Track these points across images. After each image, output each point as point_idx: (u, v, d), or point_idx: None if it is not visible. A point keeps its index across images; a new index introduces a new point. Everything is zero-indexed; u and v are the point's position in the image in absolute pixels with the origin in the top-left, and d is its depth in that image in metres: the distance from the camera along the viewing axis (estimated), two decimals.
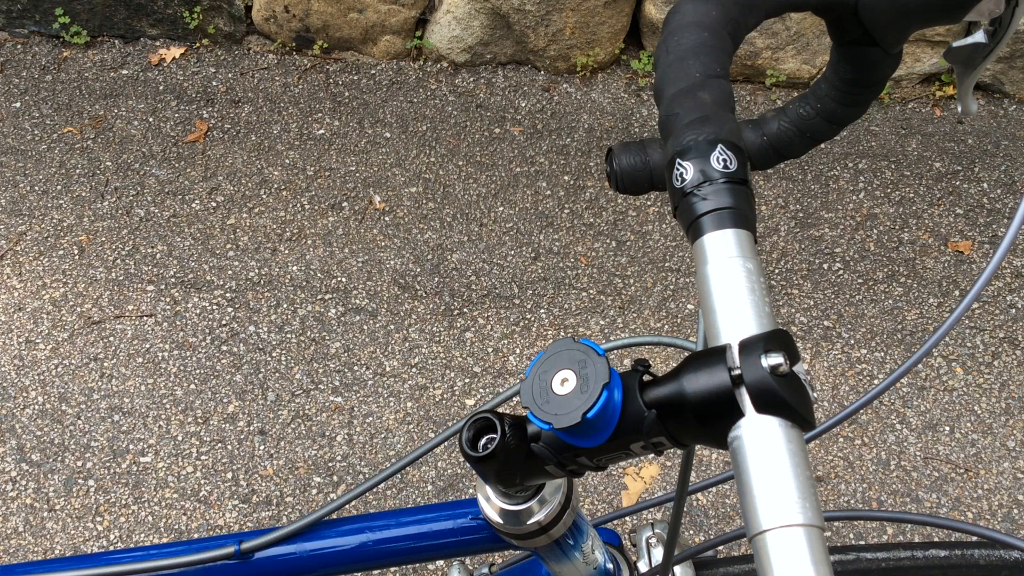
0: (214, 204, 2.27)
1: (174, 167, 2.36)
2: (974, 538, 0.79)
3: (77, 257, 2.16)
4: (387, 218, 2.23)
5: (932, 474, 1.76)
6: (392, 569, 1.65)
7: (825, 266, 2.12)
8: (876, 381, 1.93)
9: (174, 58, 2.64)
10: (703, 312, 0.42)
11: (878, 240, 2.17)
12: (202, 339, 2.00)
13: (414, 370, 1.94)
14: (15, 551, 1.70)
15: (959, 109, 0.63)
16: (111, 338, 2.01)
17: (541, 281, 2.09)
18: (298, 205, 2.26)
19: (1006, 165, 2.34)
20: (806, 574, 0.33)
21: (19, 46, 2.68)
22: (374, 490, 1.77)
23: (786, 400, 0.37)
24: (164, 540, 1.73)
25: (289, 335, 2.00)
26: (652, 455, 1.45)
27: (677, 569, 0.79)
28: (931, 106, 2.51)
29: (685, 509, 1.70)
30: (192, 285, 2.10)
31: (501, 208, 2.25)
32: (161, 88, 2.56)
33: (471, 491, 1.76)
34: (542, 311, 2.04)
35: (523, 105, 2.53)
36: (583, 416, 0.41)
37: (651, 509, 1.49)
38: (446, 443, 1.78)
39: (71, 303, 2.07)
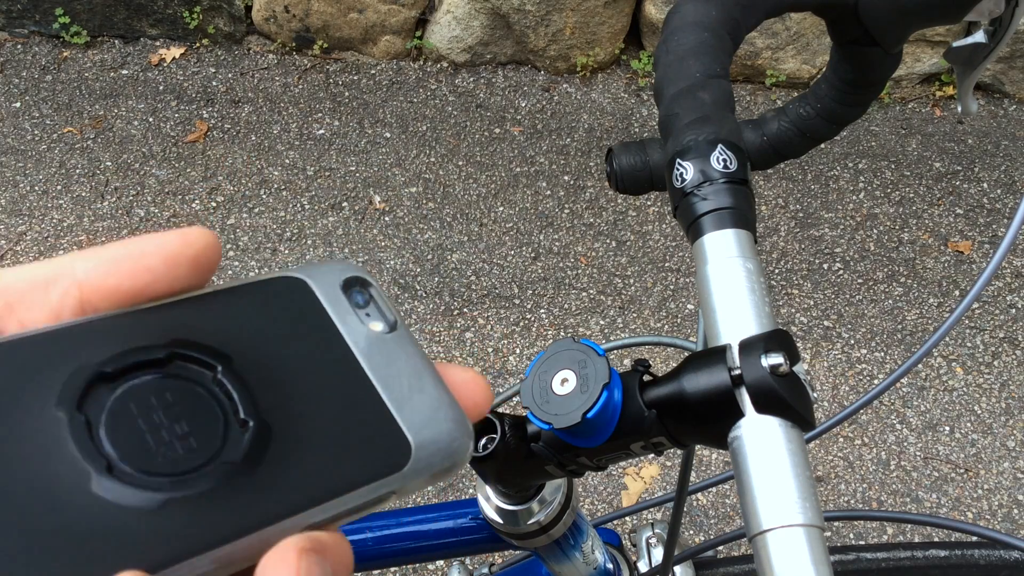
0: (214, 204, 2.27)
1: (174, 167, 2.36)
2: (974, 538, 0.79)
3: None
4: (387, 218, 2.23)
5: (932, 474, 1.76)
6: (392, 569, 1.65)
7: (825, 266, 2.12)
8: (876, 381, 1.93)
9: (174, 58, 2.64)
10: (703, 312, 0.42)
11: (878, 240, 2.17)
12: None
13: None
14: None
15: (959, 109, 0.63)
16: None
17: (541, 281, 2.09)
18: (298, 205, 2.26)
19: (1006, 165, 2.34)
20: (806, 574, 0.33)
21: (19, 46, 2.68)
22: None
23: (786, 400, 0.37)
24: None
25: None
26: (652, 455, 1.45)
27: (677, 569, 0.79)
28: (931, 106, 2.51)
29: (685, 509, 1.70)
30: None
31: (501, 208, 2.25)
32: (161, 88, 2.56)
33: (471, 491, 1.76)
34: (542, 311, 2.04)
35: (523, 105, 2.53)
36: (583, 416, 0.41)
37: (651, 509, 1.49)
38: None
39: None
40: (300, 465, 0.22)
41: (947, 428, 1.83)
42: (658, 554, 0.81)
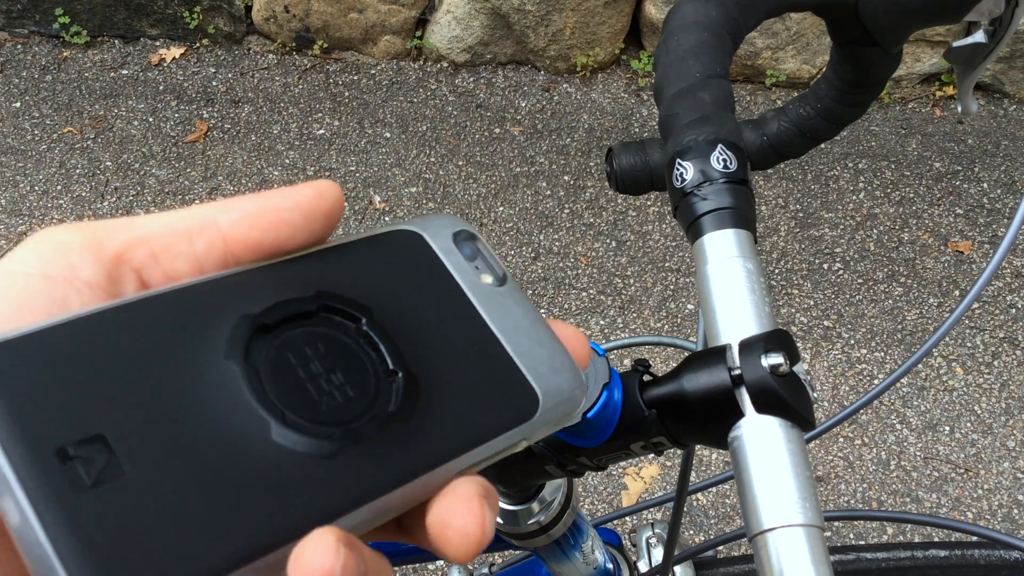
0: None
1: (174, 167, 2.36)
2: (974, 538, 0.79)
3: None
4: (387, 218, 2.23)
5: (932, 474, 1.76)
6: (392, 568, 1.65)
7: (825, 266, 2.12)
8: (876, 381, 1.93)
9: (174, 58, 2.64)
10: (703, 312, 0.42)
11: (878, 240, 2.17)
12: None
13: None
14: None
15: (959, 109, 0.63)
16: None
17: (541, 281, 2.09)
18: None
19: (1006, 165, 2.34)
20: (806, 574, 0.33)
21: (19, 46, 2.68)
22: None
23: (786, 400, 0.37)
24: None
25: None
26: (652, 455, 1.45)
27: (677, 569, 0.79)
28: (931, 106, 2.51)
29: (685, 509, 1.70)
30: None
31: (501, 208, 2.25)
32: (161, 88, 2.56)
33: None
34: (542, 311, 2.04)
35: (523, 105, 2.53)
36: (583, 416, 0.41)
37: (651, 509, 1.49)
38: None
39: None
40: (446, 414, 0.23)
41: (947, 428, 1.83)
42: (658, 554, 0.81)
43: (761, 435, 0.37)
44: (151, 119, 2.48)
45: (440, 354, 0.24)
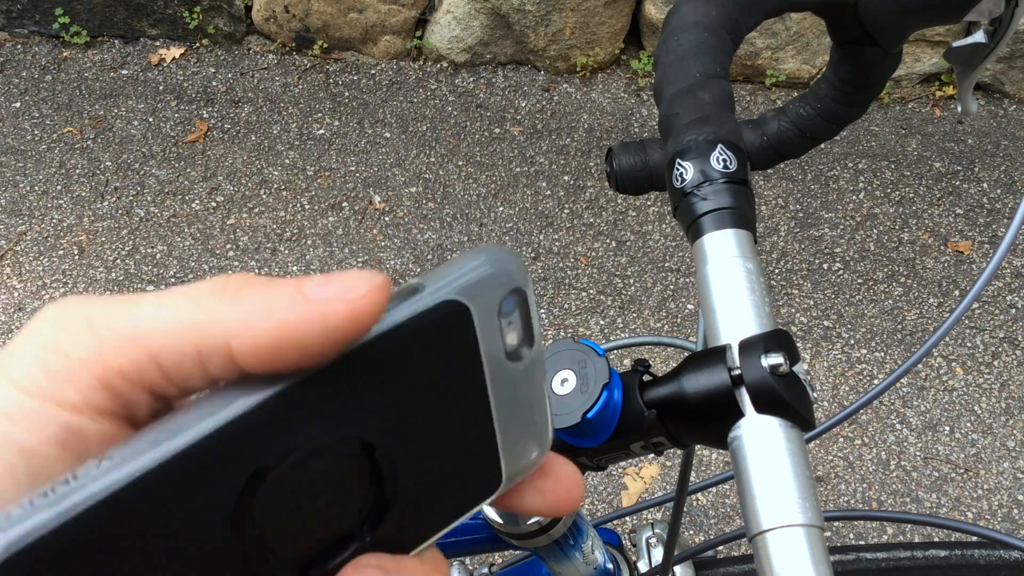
0: (214, 204, 2.27)
1: (174, 167, 2.36)
2: (974, 538, 0.79)
3: (77, 257, 2.16)
4: (387, 218, 2.23)
5: (932, 474, 1.76)
6: None
7: (825, 266, 2.12)
8: (876, 381, 1.93)
9: (174, 58, 2.64)
10: (703, 312, 0.42)
11: (878, 240, 2.17)
12: None
13: None
14: None
15: (959, 109, 0.63)
16: None
17: (541, 281, 2.09)
18: (298, 205, 2.26)
19: (1006, 165, 2.34)
20: (806, 574, 0.33)
21: (19, 46, 2.68)
22: None
23: (786, 400, 0.37)
24: None
25: None
26: (652, 455, 1.45)
27: (677, 569, 0.79)
28: (931, 106, 2.51)
29: (685, 509, 1.70)
30: None
31: (501, 208, 2.25)
32: (161, 88, 2.56)
33: None
34: (542, 311, 2.04)
35: (523, 105, 2.53)
36: (583, 416, 0.41)
37: (651, 509, 1.49)
38: None
39: None
40: (415, 520, 0.23)
41: (947, 428, 1.83)
42: (658, 554, 0.81)
43: (761, 435, 0.37)
44: (151, 119, 2.47)
45: (431, 457, 0.22)
